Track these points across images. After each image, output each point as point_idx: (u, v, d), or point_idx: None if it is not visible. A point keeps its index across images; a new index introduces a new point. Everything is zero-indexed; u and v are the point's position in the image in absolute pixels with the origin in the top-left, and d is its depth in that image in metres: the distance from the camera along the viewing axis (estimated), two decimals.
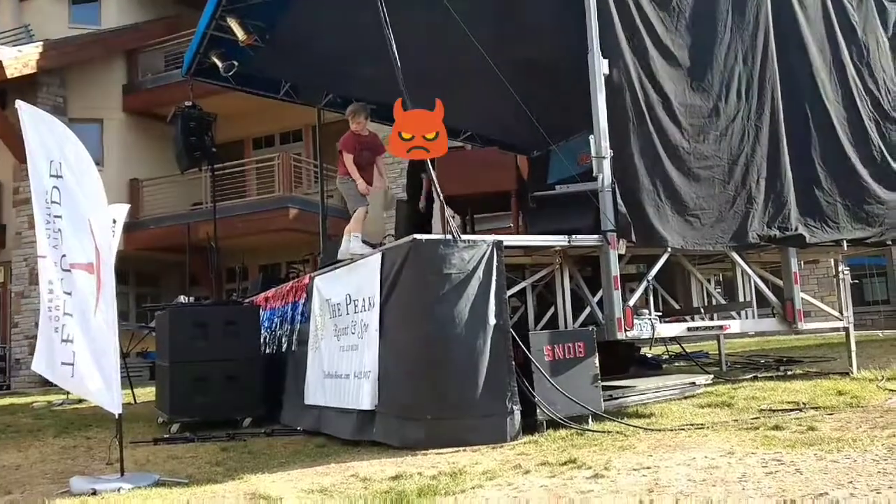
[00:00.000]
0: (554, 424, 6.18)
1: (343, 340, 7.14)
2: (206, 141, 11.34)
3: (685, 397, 7.43)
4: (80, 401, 9.80)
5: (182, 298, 11.39)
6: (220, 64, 9.83)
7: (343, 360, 7.04)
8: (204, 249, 17.80)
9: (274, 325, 8.98)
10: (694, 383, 7.79)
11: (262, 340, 8.84)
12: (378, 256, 6.61)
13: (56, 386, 12.10)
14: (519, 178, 8.58)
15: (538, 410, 6.16)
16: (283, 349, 8.57)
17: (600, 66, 6.84)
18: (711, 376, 8.16)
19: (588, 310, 7.21)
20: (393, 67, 6.51)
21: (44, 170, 5.68)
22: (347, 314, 7.07)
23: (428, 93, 6.67)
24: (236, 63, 9.77)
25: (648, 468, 4.73)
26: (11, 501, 5.31)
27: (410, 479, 4.95)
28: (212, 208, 16.44)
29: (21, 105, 5.90)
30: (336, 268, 7.68)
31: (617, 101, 6.93)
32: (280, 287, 9.33)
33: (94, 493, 5.15)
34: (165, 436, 7.60)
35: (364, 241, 7.89)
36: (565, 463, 5.06)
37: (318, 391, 7.45)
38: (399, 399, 6.16)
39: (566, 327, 7.08)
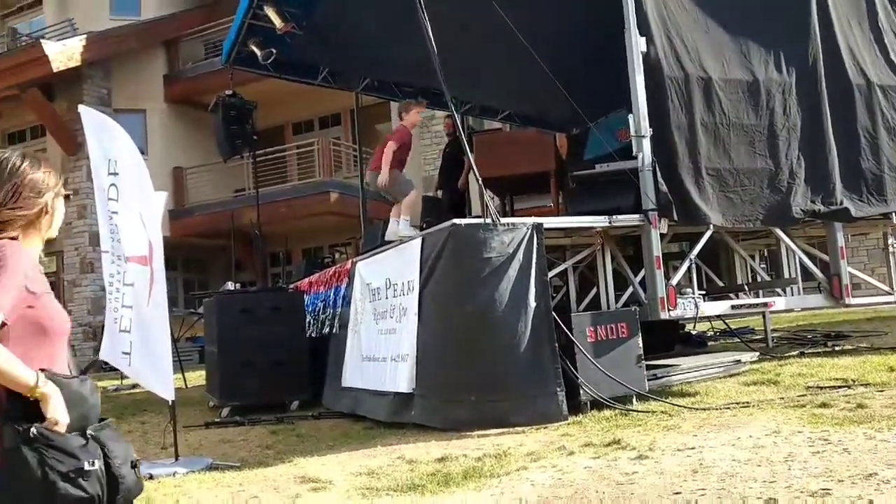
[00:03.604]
0: (598, 405, 6.21)
1: (381, 324, 7.23)
2: (247, 129, 11.47)
3: (730, 375, 7.37)
4: (135, 386, 10.06)
5: (229, 285, 11.61)
6: (258, 52, 9.93)
7: (381, 344, 7.14)
8: (248, 235, 18.08)
9: (317, 309, 9.12)
10: (739, 361, 7.72)
11: (306, 325, 8.97)
12: (418, 241, 6.67)
13: (109, 372, 12.48)
14: (558, 157, 8.56)
15: (581, 391, 6.19)
16: (326, 333, 8.71)
17: (637, 44, 6.78)
18: (757, 353, 8.08)
19: (630, 290, 7.19)
20: (429, 50, 6.53)
21: (103, 169, 5.86)
22: (386, 298, 7.15)
23: (465, 73, 6.68)
24: (274, 51, 9.86)
25: (693, 448, 4.74)
26: None
27: (456, 462, 5.03)
28: (254, 194, 16.73)
29: (83, 109, 6.11)
30: (377, 252, 7.76)
31: (655, 78, 6.87)
32: (323, 272, 9.46)
33: (151, 477, 5.32)
34: (216, 420, 7.79)
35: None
36: (609, 444, 5.09)
37: (355, 374, 7.57)
38: (440, 381, 6.23)
39: (608, 308, 7.08)
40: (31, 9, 21.52)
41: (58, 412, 1.91)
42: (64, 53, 17.58)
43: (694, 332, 10.28)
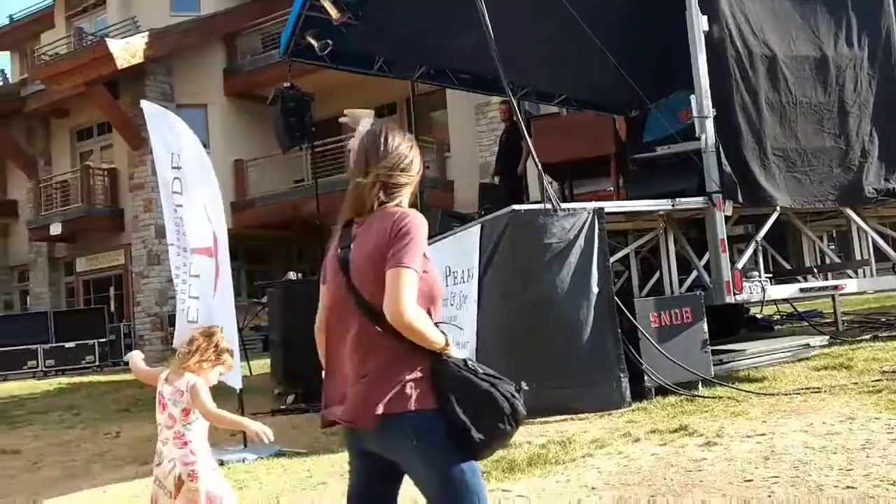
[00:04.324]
0: (662, 391, 6.12)
1: (443, 311, 7.23)
2: (306, 121, 11.57)
3: (799, 360, 7.18)
4: None
5: (291, 275, 11.77)
6: (315, 44, 9.99)
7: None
8: (308, 225, 18.32)
9: None
10: (808, 345, 7.51)
11: None
12: (477, 228, 6.65)
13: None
14: (618, 140, 8.44)
15: (646, 377, 6.11)
16: None
17: (700, 23, 6.62)
18: (827, 337, 7.86)
19: (694, 273, 7.07)
20: (485, 35, 6.48)
21: (166, 163, 5.99)
22: (447, 286, 7.15)
23: (520, 58, 6.62)
24: (330, 42, 9.91)
25: (763, 435, 4.64)
26: (148, 471, 5.68)
27: (520, 448, 5.01)
28: (313, 185, 16.89)
29: (145, 104, 6.24)
30: (435, 240, 7.76)
31: (718, 57, 6.71)
32: None
33: (221, 463, 5.44)
34: (282, 406, 7.94)
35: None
36: (676, 430, 5.01)
37: None
38: (501, 368, 6.16)
39: (672, 292, 6.96)
40: (96, 8, 22.07)
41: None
42: (127, 51, 18.01)
43: (759, 316, 10.04)
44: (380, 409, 2.13)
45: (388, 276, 2.12)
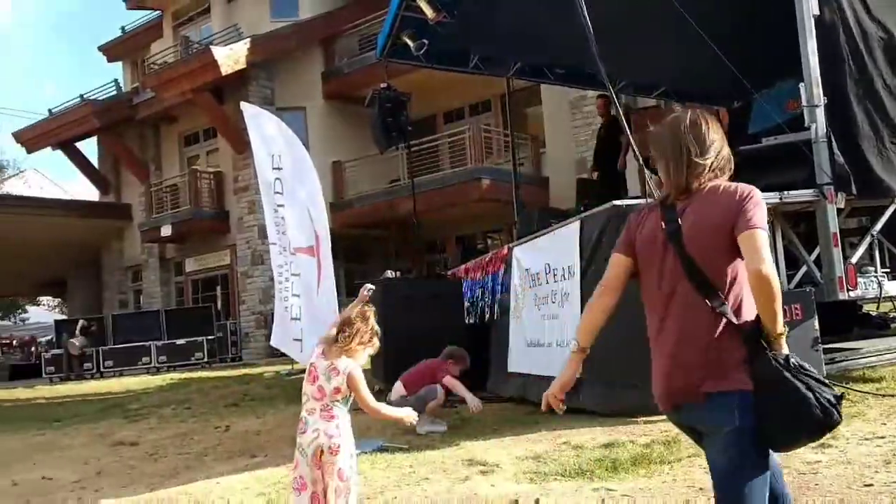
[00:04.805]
0: None
1: (544, 310, 7.20)
2: (402, 120, 11.72)
3: None
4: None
5: (388, 273, 11.95)
6: (411, 44, 10.10)
7: (545, 329, 7.11)
8: (403, 224, 18.55)
9: (475, 295, 9.21)
10: None
11: (465, 311, 9.09)
12: (576, 225, 6.58)
13: (279, 357, 13.16)
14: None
15: None
16: (486, 319, 8.77)
17: (809, 7, 6.34)
18: None
19: (804, 269, 6.77)
20: (582, 29, 6.39)
21: (266, 164, 6.16)
22: (547, 283, 7.11)
23: (618, 50, 6.50)
24: (426, 41, 10.00)
25: (882, 438, 4.42)
26: (257, 463, 5.89)
27: (623, 448, 4.94)
28: (408, 184, 17.08)
29: (245, 106, 6.43)
30: (533, 238, 7.73)
31: (829, 42, 6.40)
32: (479, 259, 9.54)
33: None
34: (384, 403, 8.04)
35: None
36: None
37: (521, 359, 7.58)
38: (607, 367, 6.09)
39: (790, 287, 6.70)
40: (201, 17, 22.94)
41: None
42: (231, 57, 18.65)
43: (874, 314, 9.55)
44: (708, 385, 2.21)
45: (744, 238, 2.19)
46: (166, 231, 20.72)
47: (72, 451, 7.59)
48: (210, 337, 18.68)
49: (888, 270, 6.86)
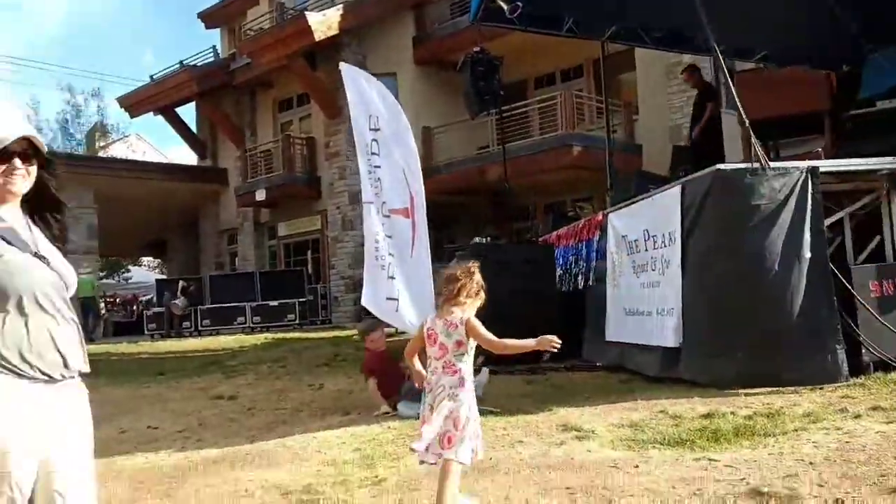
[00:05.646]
0: (883, 366, 5.63)
1: (643, 277, 7.04)
2: (494, 85, 11.58)
3: None
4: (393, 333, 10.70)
5: (477, 240, 11.91)
6: (504, 6, 9.91)
7: (644, 297, 6.96)
8: (492, 191, 18.44)
9: (568, 262, 9.10)
10: None
11: (557, 278, 8.99)
12: (677, 190, 6.38)
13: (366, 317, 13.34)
14: (832, 95, 7.75)
15: (864, 351, 5.65)
16: (580, 286, 8.66)
17: None
18: None
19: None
20: None
21: (364, 124, 6.18)
22: (646, 250, 6.94)
23: (718, 12, 6.23)
24: (520, 3, 9.80)
25: None
26: (351, 420, 5.99)
27: (724, 419, 4.79)
28: (497, 151, 16.91)
29: (343, 66, 6.45)
30: (631, 204, 7.55)
31: None
32: (572, 225, 9.39)
33: (418, 417, 5.62)
34: (473, 368, 8.05)
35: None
36: None
37: (619, 328, 7.45)
38: (707, 336, 5.97)
39: (895, 260, 6.35)
40: None
41: None
42: (324, 23, 18.81)
43: None
44: None
45: None
46: (260, 196, 21.22)
47: (174, 404, 7.90)
48: (302, 300, 19.13)
49: None
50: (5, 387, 2.27)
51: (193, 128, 25.96)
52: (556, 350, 3.46)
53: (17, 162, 2.36)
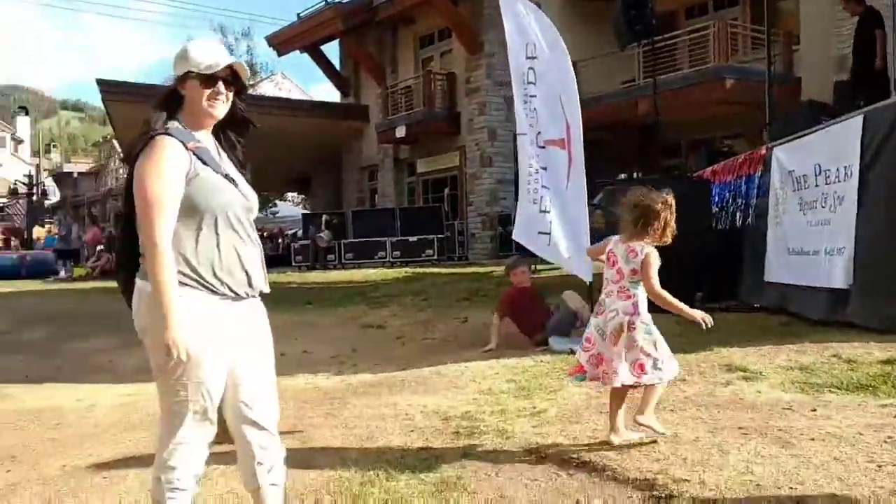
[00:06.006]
0: None
1: (810, 215, 6.59)
2: (647, 14, 11.05)
3: None
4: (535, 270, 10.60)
5: (622, 176, 11.56)
6: None
7: (810, 236, 6.52)
8: (637, 127, 17.80)
9: (725, 199, 8.64)
10: None
11: (712, 215, 8.56)
12: (859, 120, 5.86)
13: (505, 257, 13.30)
14: None
15: None
16: (738, 224, 8.22)
17: None
18: None
19: None
20: None
21: (521, 52, 6.00)
22: (816, 186, 6.47)
23: None
24: None
25: None
26: (500, 352, 5.98)
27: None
28: (644, 85, 16.21)
29: None
30: (800, 136, 7.03)
31: None
32: (730, 160, 8.90)
33: (572, 352, 5.54)
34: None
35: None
36: None
37: (780, 268, 7.04)
38: (884, 278, 5.52)
39: None
40: None
41: None
42: None
43: None
44: None
45: None
46: (400, 132, 21.40)
47: (326, 331, 8.19)
48: (440, 236, 19.32)
49: None
50: (200, 301, 2.35)
51: (337, 65, 26.40)
52: (707, 327, 3.42)
53: (221, 86, 2.45)
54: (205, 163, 2.39)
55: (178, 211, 2.30)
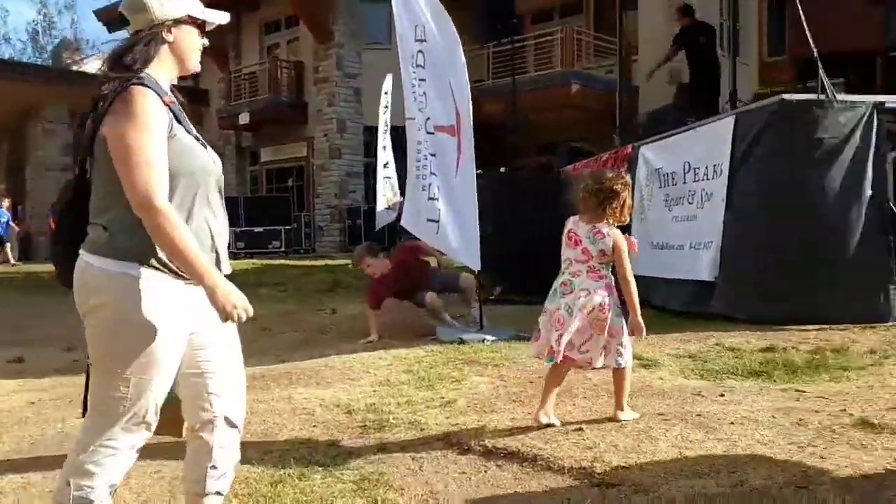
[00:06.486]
0: None
1: (676, 210, 6.85)
2: (507, 13, 11.17)
3: None
4: None
5: (502, 169, 11.64)
6: None
7: (676, 231, 6.78)
8: (487, 126, 18.06)
9: None
10: None
11: None
12: (730, 121, 6.14)
13: (352, 251, 13.05)
14: (886, 35, 7.51)
15: None
16: None
17: None
18: None
19: None
20: None
21: (409, 34, 5.81)
22: (684, 183, 6.73)
23: None
24: None
25: None
26: (385, 343, 5.75)
27: (785, 353, 4.66)
28: (493, 85, 16.51)
29: None
30: (667, 136, 7.30)
31: None
32: (594, 158, 9.13)
33: (462, 341, 5.42)
34: (491, 297, 7.86)
35: None
36: None
37: (644, 261, 7.26)
38: (751, 272, 5.81)
39: None
40: None
41: None
42: None
43: None
44: None
45: None
46: (244, 119, 20.55)
47: None
48: (287, 227, 18.72)
49: None
50: (162, 285, 2.01)
51: None
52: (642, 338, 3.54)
53: (206, 41, 2.25)
54: (179, 121, 2.07)
55: None
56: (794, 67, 7.27)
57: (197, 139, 2.13)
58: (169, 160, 1.98)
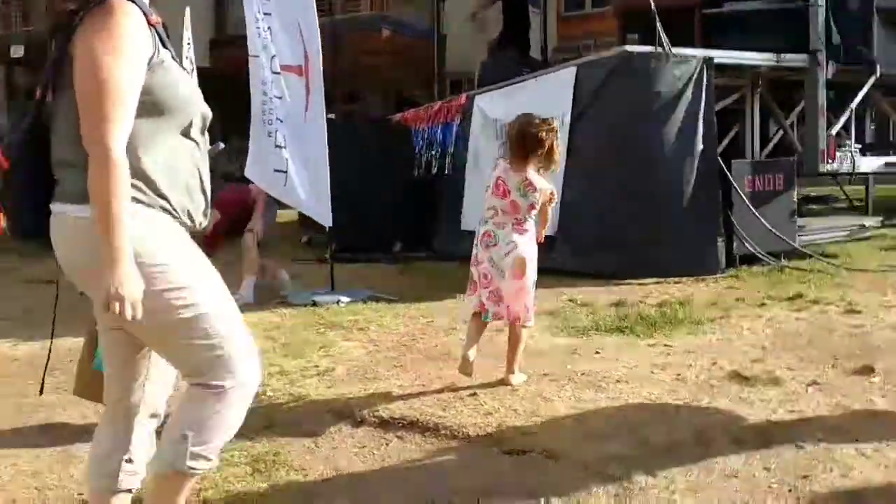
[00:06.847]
0: (747, 260, 5.92)
1: None
2: None
3: (856, 239, 7.10)
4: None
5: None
6: None
7: None
8: None
9: (420, 147, 8.60)
10: (864, 226, 7.47)
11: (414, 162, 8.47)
12: (571, 71, 6.17)
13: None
14: None
15: (735, 244, 5.89)
16: (433, 172, 8.20)
17: None
18: (881, 218, 7.76)
19: (774, 141, 6.79)
20: None
21: None
22: None
23: None
24: None
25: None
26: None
27: (636, 307, 4.77)
28: None
29: None
30: (506, 85, 7.24)
31: None
32: (426, 107, 8.91)
33: (315, 304, 5.10)
34: (326, 256, 7.49)
35: None
36: (794, 298, 4.84)
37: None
38: (592, 225, 5.91)
39: (752, 157, 6.70)
40: None
41: None
42: None
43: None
44: None
45: None
46: (17, 52, 18.29)
47: None
48: None
49: (860, 146, 6.98)
50: (162, 223, 1.71)
51: None
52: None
53: None
54: (165, 46, 1.70)
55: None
56: (622, 21, 7.41)
57: (182, 67, 1.79)
58: (157, 91, 1.66)
